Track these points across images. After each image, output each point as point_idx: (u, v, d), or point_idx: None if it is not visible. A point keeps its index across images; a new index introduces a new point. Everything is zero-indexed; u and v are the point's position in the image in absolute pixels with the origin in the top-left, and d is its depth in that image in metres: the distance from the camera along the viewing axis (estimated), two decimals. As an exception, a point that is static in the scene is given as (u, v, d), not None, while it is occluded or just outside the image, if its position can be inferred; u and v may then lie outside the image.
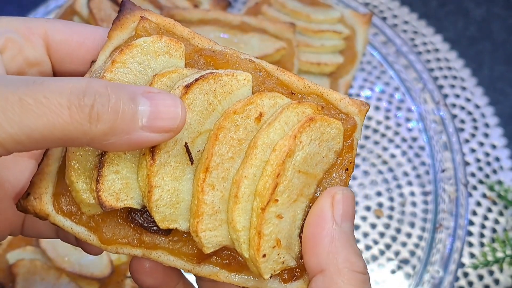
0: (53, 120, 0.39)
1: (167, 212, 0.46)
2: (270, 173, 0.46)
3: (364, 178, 1.13)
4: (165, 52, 0.50)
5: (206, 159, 0.46)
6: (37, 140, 0.39)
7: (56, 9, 1.27)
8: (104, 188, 0.45)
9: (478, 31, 1.39)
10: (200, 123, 0.47)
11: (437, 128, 1.18)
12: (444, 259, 1.03)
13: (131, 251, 0.48)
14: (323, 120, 0.49)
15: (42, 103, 0.39)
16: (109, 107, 0.40)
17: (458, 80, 1.28)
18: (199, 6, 1.23)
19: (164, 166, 0.45)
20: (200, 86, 0.47)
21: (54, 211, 0.48)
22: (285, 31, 1.10)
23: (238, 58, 0.52)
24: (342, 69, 1.14)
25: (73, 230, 0.48)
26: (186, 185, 0.46)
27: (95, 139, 0.40)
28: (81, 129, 0.40)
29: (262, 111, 0.48)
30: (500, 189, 1.12)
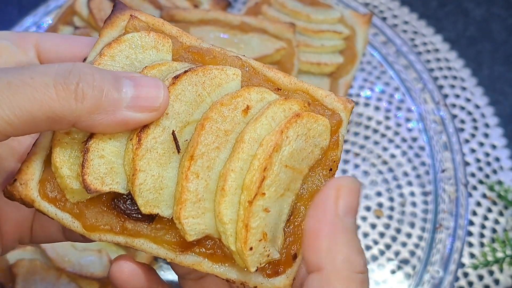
0: (41, 99, 0.41)
1: (150, 197, 0.46)
2: (257, 167, 0.46)
3: (364, 178, 1.13)
4: (153, 47, 0.51)
5: (191, 147, 0.46)
6: (27, 121, 0.41)
7: (56, 9, 1.27)
8: (90, 172, 0.45)
9: (478, 31, 1.39)
10: (188, 113, 0.48)
11: (437, 128, 1.18)
12: (444, 259, 1.03)
13: (114, 238, 0.48)
14: (310, 116, 0.49)
15: (29, 84, 0.41)
16: (93, 85, 0.43)
17: (458, 80, 1.28)
18: (199, 6, 1.23)
19: (150, 152, 0.46)
20: (189, 77, 0.48)
21: (39, 197, 0.48)
22: (285, 31, 1.10)
23: (225, 55, 0.53)
24: (342, 69, 1.14)
25: (57, 216, 0.48)
26: (171, 173, 0.47)
27: (81, 117, 0.43)
28: (67, 106, 0.42)
29: (249, 104, 0.49)
30: (500, 189, 1.12)
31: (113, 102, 0.44)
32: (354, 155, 1.16)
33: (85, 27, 1.12)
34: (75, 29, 1.12)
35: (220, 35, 1.06)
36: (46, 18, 1.28)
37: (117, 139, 0.47)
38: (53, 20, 1.16)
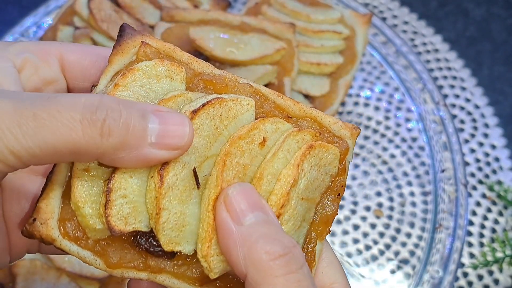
0: (66, 134, 0.40)
1: (172, 235, 0.46)
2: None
3: (364, 178, 1.13)
4: (167, 76, 0.51)
5: (215, 186, 0.46)
6: (50, 153, 0.41)
7: (56, 9, 1.27)
8: (113, 213, 0.45)
9: (477, 31, 1.39)
10: (207, 147, 0.48)
11: (436, 128, 1.18)
12: (443, 259, 1.03)
13: (137, 274, 0.48)
14: (321, 146, 0.51)
15: (55, 117, 0.40)
16: (120, 122, 0.42)
17: (457, 80, 1.28)
18: (199, 6, 1.23)
19: (172, 189, 0.45)
20: (207, 111, 0.48)
21: (60, 236, 0.48)
22: (285, 31, 1.10)
23: (237, 83, 0.53)
24: (342, 69, 1.14)
25: (79, 254, 0.48)
26: (192, 209, 0.47)
27: (105, 154, 0.42)
28: (92, 143, 0.41)
29: (265, 136, 0.49)
30: (499, 189, 1.12)
31: (138, 140, 0.43)
32: (354, 155, 1.16)
33: (85, 27, 1.12)
34: (75, 29, 1.12)
35: (220, 35, 1.06)
36: (46, 18, 1.28)
37: (139, 176, 0.46)
38: (53, 20, 1.16)
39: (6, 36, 1.25)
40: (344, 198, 1.11)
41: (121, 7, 1.15)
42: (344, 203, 1.11)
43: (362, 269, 1.04)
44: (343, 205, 1.11)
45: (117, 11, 1.13)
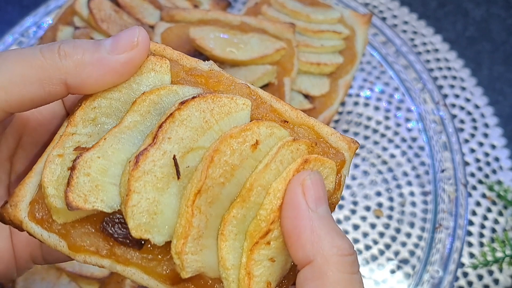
0: (29, 60, 0.46)
1: (142, 220, 0.44)
2: (264, 217, 0.46)
3: (363, 178, 1.13)
4: (151, 69, 0.50)
5: (199, 180, 0.45)
6: (20, 85, 0.46)
7: (56, 9, 1.28)
8: (73, 189, 0.45)
9: (477, 32, 1.39)
10: (193, 139, 0.47)
11: (436, 128, 1.18)
12: (443, 259, 1.03)
13: (99, 261, 0.47)
14: (317, 160, 0.49)
15: (18, 52, 0.47)
16: (74, 46, 0.47)
17: (457, 80, 1.28)
18: (199, 6, 1.23)
19: (147, 174, 0.44)
20: (197, 103, 0.47)
21: (27, 217, 0.47)
22: (285, 31, 1.10)
23: (233, 82, 0.52)
24: (342, 69, 1.14)
25: (42, 237, 0.47)
26: (168, 199, 0.45)
27: (69, 74, 0.46)
28: (54, 65, 0.46)
29: (258, 139, 0.47)
30: (499, 189, 1.12)
31: (95, 53, 0.47)
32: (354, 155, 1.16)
33: (85, 27, 1.12)
34: (75, 29, 1.12)
35: (220, 35, 1.06)
36: (46, 18, 1.28)
37: (107, 158, 0.46)
38: (53, 20, 1.16)
39: (6, 36, 1.25)
40: (344, 198, 1.11)
41: (121, 7, 1.15)
42: (344, 203, 1.11)
43: (362, 269, 1.04)
44: (343, 205, 1.11)
45: (117, 11, 1.13)
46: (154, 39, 1.09)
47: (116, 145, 0.47)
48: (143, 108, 0.48)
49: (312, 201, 0.45)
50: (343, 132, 1.19)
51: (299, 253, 0.44)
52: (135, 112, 0.48)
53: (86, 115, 0.49)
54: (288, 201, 0.45)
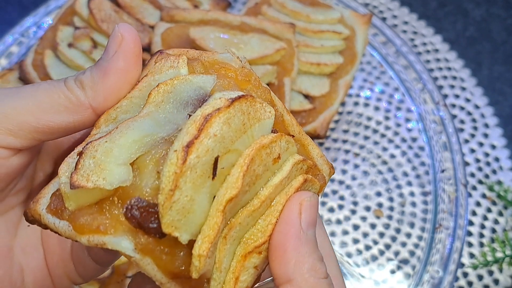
0: (56, 91, 0.49)
1: (176, 218, 0.43)
2: (262, 228, 0.47)
3: (363, 178, 1.13)
4: (169, 67, 0.51)
5: (234, 187, 0.44)
6: (48, 113, 0.48)
7: (56, 9, 1.28)
8: (78, 171, 0.45)
9: (477, 32, 1.39)
10: (231, 140, 0.45)
11: (436, 129, 1.18)
12: (443, 259, 1.03)
13: (112, 240, 0.46)
14: (312, 181, 0.51)
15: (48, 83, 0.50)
16: (84, 73, 0.50)
17: (457, 80, 1.28)
18: (199, 6, 1.23)
19: (190, 170, 0.43)
20: (243, 103, 0.46)
21: (44, 210, 0.48)
22: (285, 31, 1.10)
23: (260, 84, 0.51)
24: (342, 70, 1.14)
25: (55, 225, 0.47)
26: (201, 198, 0.44)
27: (90, 97, 0.49)
28: (77, 95, 0.49)
29: (280, 152, 0.48)
30: (499, 189, 1.12)
31: (98, 68, 0.50)
32: (354, 155, 1.16)
33: (85, 27, 1.12)
34: (75, 29, 1.12)
35: (220, 35, 1.06)
36: (46, 18, 1.28)
37: (113, 141, 0.46)
38: (53, 20, 1.16)
39: (6, 36, 1.25)
40: (344, 198, 1.11)
41: (121, 7, 1.15)
42: (344, 203, 1.11)
43: (362, 269, 1.04)
44: (343, 205, 1.11)
45: (117, 11, 1.13)
46: (154, 39, 1.09)
47: (125, 130, 0.46)
48: (157, 98, 0.48)
49: (305, 222, 0.47)
50: (343, 132, 1.19)
51: (281, 269, 0.45)
52: (150, 103, 0.48)
53: (109, 116, 0.50)
54: (284, 217, 0.47)
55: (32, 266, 0.56)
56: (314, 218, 0.47)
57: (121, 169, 0.45)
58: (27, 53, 1.18)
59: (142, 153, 0.46)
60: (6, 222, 0.55)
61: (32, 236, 0.57)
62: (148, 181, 0.45)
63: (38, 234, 0.57)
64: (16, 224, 0.56)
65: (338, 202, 1.11)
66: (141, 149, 0.46)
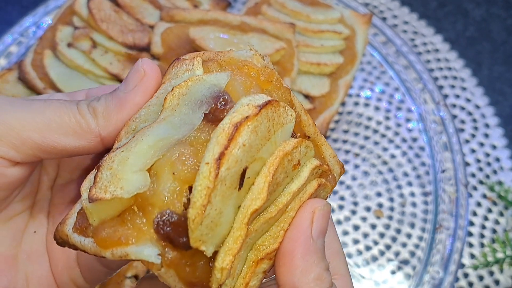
0: (68, 113, 0.48)
1: (204, 232, 0.42)
2: (276, 235, 0.47)
3: (364, 179, 1.13)
4: (184, 70, 0.50)
5: (260, 199, 0.44)
6: (55, 133, 0.48)
7: (55, 9, 1.27)
8: (97, 184, 0.44)
9: (477, 32, 1.39)
10: (257, 149, 0.44)
11: (437, 129, 1.18)
12: (444, 260, 1.03)
13: (133, 249, 0.44)
14: (325, 186, 0.51)
15: (60, 103, 0.49)
16: (99, 100, 0.50)
17: (458, 80, 1.28)
18: (199, 6, 1.23)
19: (221, 183, 0.42)
20: (267, 110, 0.45)
21: (70, 230, 0.47)
22: (285, 31, 1.09)
23: (281, 84, 0.50)
24: (342, 70, 1.14)
25: (81, 244, 0.46)
26: (227, 210, 0.43)
27: (101, 127, 0.49)
28: (89, 122, 0.49)
29: (300, 158, 0.48)
30: (500, 190, 1.12)
31: (114, 99, 0.49)
32: (354, 155, 1.16)
33: (84, 27, 1.11)
34: (75, 29, 1.11)
35: (220, 35, 1.06)
36: (45, 18, 1.27)
37: (129, 149, 0.45)
38: (52, 20, 1.16)
39: (6, 35, 1.25)
40: (344, 198, 1.11)
41: (120, 7, 1.15)
42: (344, 203, 1.11)
43: (362, 270, 1.04)
44: (343, 206, 1.10)
45: (116, 11, 1.13)
46: (154, 39, 1.08)
47: (141, 137, 0.45)
48: (173, 102, 0.47)
49: (316, 231, 0.47)
50: (343, 132, 1.19)
51: (287, 276, 0.45)
52: (167, 108, 0.47)
53: (128, 128, 0.50)
54: (296, 224, 0.47)
55: (37, 274, 0.55)
56: (325, 227, 0.48)
57: (137, 176, 0.44)
58: (26, 53, 1.17)
59: (158, 157, 0.44)
60: (11, 229, 0.55)
61: (37, 243, 0.56)
62: (165, 185, 0.43)
63: (43, 240, 0.57)
64: (22, 231, 0.56)
65: (338, 202, 1.11)
66: (157, 153, 0.44)
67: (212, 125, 0.46)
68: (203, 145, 0.45)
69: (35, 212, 0.57)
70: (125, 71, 1.07)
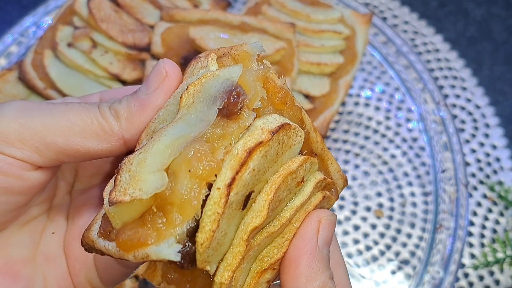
0: (90, 116, 0.48)
1: (210, 253, 0.43)
2: (279, 245, 0.48)
3: (364, 179, 1.13)
4: (200, 67, 0.50)
5: (260, 217, 0.45)
6: (78, 136, 0.48)
7: (55, 9, 1.27)
8: (116, 188, 0.44)
9: (478, 31, 1.38)
10: (264, 171, 0.46)
11: (437, 129, 1.17)
12: (444, 260, 1.03)
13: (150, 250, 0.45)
14: (329, 198, 0.52)
15: (82, 106, 0.49)
16: (120, 102, 0.50)
17: (458, 80, 1.27)
18: (199, 6, 1.23)
19: (229, 207, 0.43)
20: (279, 135, 0.46)
21: (96, 235, 0.47)
22: (285, 31, 1.09)
23: (293, 104, 0.51)
24: (342, 69, 1.14)
25: (105, 248, 0.46)
26: (230, 229, 0.45)
27: (124, 130, 0.49)
28: (111, 125, 0.49)
29: (304, 175, 0.49)
30: (500, 190, 1.12)
31: (137, 101, 0.49)
32: (354, 155, 1.16)
33: (84, 27, 1.11)
34: (75, 29, 1.11)
35: (220, 35, 1.06)
36: (45, 18, 1.27)
37: (146, 151, 0.45)
38: (52, 20, 1.16)
39: (6, 35, 1.25)
40: (345, 198, 1.11)
41: (120, 6, 1.15)
42: (345, 203, 1.11)
43: (362, 270, 1.03)
44: (344, 206, 1.10)
45: (116, 11, 1.13)
46: (154, 39, 1.08)
47: (158, 137, 0.46)
48: (188, 100, 0.48)
49: (322, 240, 0.48)
50: (343, 132, 1.18)
51: (292, 283, 0.46)
52: (183, 107, 0.48)
53: (148, 129, 0.50)
54: (302, 232, 0.48)
55: (55, 275, 0.55)
56: (331, 237, 0.48)
57: (154, 176, 0.44)
58: (26, 53, 1.17)
59: (175, 156, 0.45)
60: (30, 232, 0.55)
61: (55, 244, 0.56)
62: (183, 183, 0.44)
63: (60, 241, 0.57)
64: (40, 233, 0.56)
65: (339, 202, 1.11)
66: (174, 152, 0.45)
67: (227, 119, 0.47)
68: (218, 140, 0.46)
69: (53, 215, 0.57)
70: (125, 71, 1.07)
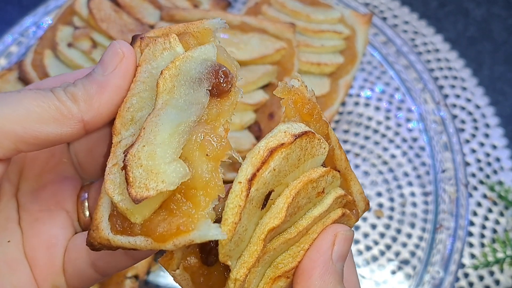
0: (45, 101, 0.47)
1: (232, 247, 0.44)
2: (295, 254, 0.48)
3: (364, 179, 1.13)
4: (162, 50, 0.50)
5: (278, 218, 0.46)
6: (36, 123, 0.46)
7: (55, 9, 1.27)
8: (133, 184, 0.44)
9: (478, 31, 1.38)
10: (285, 174, 0.47)
11: (437, 129, 1.17)
12: (444, 260, 1.03)
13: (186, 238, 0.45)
14: (349, 217, 0.53)
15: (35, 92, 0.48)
16: (75, 85, 0.49)
17: (458, 80, 1.27)
18: (199, 6, 1.23)
19: (250, 202, 0.44)
20: (302, 140, 0.47)
21: (111, 233, 0.47)
22: (285, 31, 1.09)
23: (320, 117, 0.51)
24: (342, 69, 1.14)
25: (130, 243, 0.46)
26: (251, 227, 0.46)
27: (83, 111, 0.48)
28: (69, 107, 0.48)
29: (324, 186, 0.49)
30: (500, 190, 1.12)
31: (93, 82, 0.49)
32: (355, 155, 1.16)
33: (84, 27, 1.11)
34: (75, 29, 1.11)
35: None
36: (45, 18, 1.27)
37: (151, 142, 0.45)
38: (52, 20, 1.16)
39: (6, 35, 1.25)
40: (345, 198, 1.11)
41: (120, 6, 1.15)
42: (345, 203, 1.11)
43: (362, 270, 1.03)
44: (344, 206, 1.11)
45: (116, 11, 1.13)
46: (154, 39, 1.08)
47: (155, 127, 0.46)
48: (167, 85, 0.48)
49: (336, 254, 0.48)
50: (343, 132, 1.18)
51: None
52: (162, 93, 0.48)
53: (124, 119, 0.50)
54: (317, 244, 0.48)
55: (21, 282, 0.54)
56: (346, 252, 0.48)
57: (173, 166, 0.44)
58: (26, 53, 1.17)
59: (184, 143, 0.45)
60: None
61: (15, 251, 0.54)
62: (202, 167, 0.45)
63: (20, 248, 0.55)
64: None
65: (339, 202, 1.11)
66: (181, 139, 0.46)
67: (219, 99, 0.48)
68: (217, 119, 0.47)
69: (3, 223, 0.55)
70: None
